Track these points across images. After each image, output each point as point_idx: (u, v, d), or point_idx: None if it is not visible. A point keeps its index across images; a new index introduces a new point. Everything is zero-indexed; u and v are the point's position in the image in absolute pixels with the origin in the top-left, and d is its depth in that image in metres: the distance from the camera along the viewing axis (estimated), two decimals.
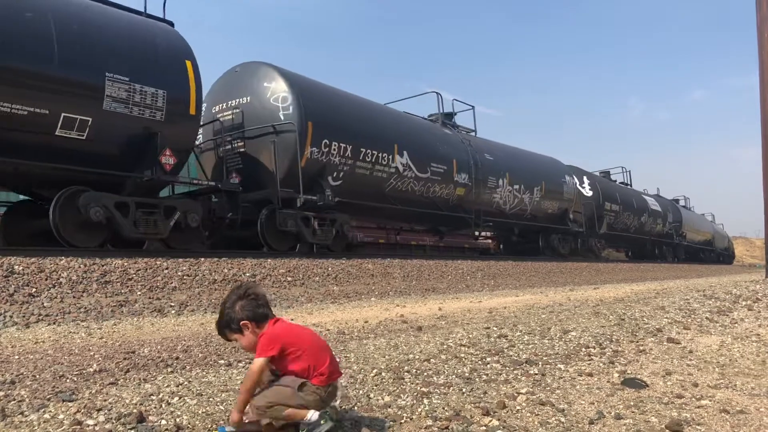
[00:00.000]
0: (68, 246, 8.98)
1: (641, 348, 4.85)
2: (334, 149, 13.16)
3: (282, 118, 12.48)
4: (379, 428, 2.69)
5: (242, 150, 13.01)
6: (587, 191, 25.46)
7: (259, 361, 2.48)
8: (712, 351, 4.81)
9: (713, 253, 44.81)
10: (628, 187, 31.86)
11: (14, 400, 3.03)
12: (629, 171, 33.02)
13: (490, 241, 25.38)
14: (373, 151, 14.19)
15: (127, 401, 3.01)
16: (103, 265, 8.17)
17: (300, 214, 12.45)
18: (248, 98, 13.05)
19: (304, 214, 12.58)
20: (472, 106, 20.25)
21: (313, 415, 2.48)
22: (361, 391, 3.31)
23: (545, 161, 23.20)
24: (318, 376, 2.52)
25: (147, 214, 9.84)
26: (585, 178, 26.13)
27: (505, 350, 4.59)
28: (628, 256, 34.22)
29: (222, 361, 4.17)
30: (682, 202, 40.91)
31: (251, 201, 12.17)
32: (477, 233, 21.87)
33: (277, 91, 12.74)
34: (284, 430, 2.55)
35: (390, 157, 14.71)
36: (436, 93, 18.66)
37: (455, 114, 19.70)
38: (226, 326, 2.61)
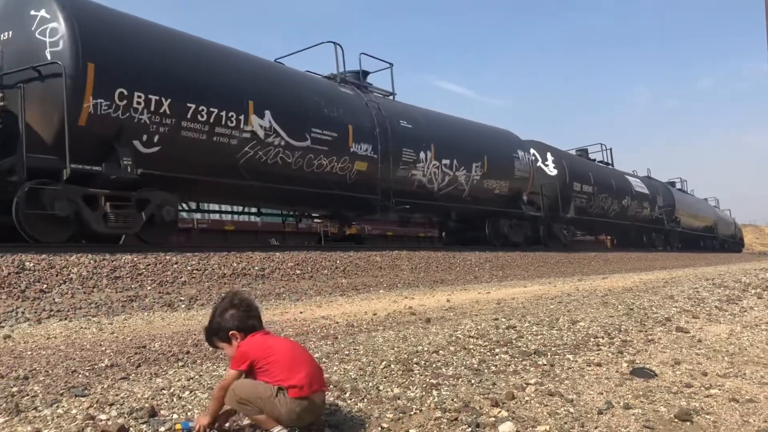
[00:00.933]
0: None
1: (650, 337, 4.85)
2: (139, 103, 9.56)
3: (48, 56, 8.97)
4: None
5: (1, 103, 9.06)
6: (550, 170, 22.24)
7: (231, 374, 2.51)
8: (721, 340, 4.80)
9: (716, 240, 42.01)
10: (608, 166, 28.57)
11: (28, 395, 3.07)
12: (610, 149, 29.48)
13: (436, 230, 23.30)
14: (211, 109, 10.58)
15: (139, 396, 3.04)
16: (113, 261, 8.22)
17: (79, 191, 9.10)
18: (10, 33, 9.48)
19: (88, 192, 9.24)
20: (391, 64, 16.62)
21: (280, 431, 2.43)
22: (370, 383, 3.32)
23: (490, 133, 19.29)
24: (292, 388, 2.43)
25: None
26: (549, 154, 22.75)
27: (514, 341, 4.60)
28: (614, 244, 31.97)
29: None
30: (678, 185, 38.35)
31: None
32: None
33: (47, 21, 9.11)
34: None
35: (242, 117, 11.09)
36: (334, 44, 14.80)
37: (368, 74, 16.22)
38: (215, 334, 2.63)
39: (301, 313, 6.72)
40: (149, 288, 7.86)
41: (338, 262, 11.21)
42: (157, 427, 2.54)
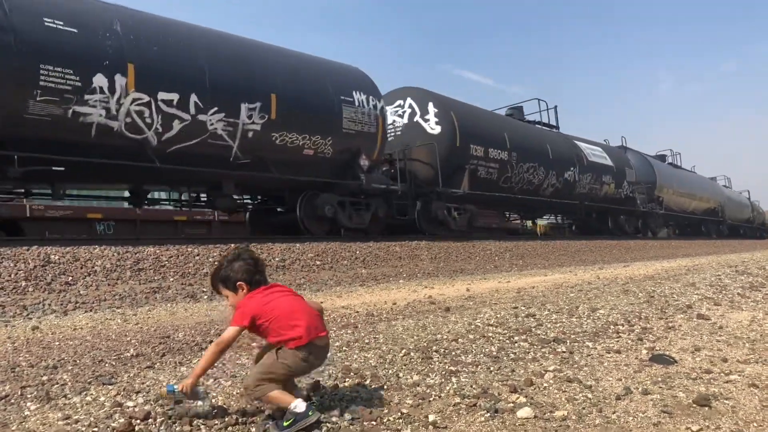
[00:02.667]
0: None
1: (670, 325, 4.84)
2: None
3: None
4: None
5: None
6: (431, 126, 16.19)
7: (231, 330, 2.57)
8: (742, 327, 4.78)
9: (722, 225, 37.34)
10: (546, 128, 22.51)
11: (57, 383, 3.15)
12: (554, 107, 23.56)
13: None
14: None
15: (164, 383, 3.11)
16: (135, 253, 8.35)
17: None
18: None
19: None
20: None
21: (299, 404, 2.46)
22: (390, 371, 3.37)
23: (292, 61, 12.64)
24: (292, 341, 2.55)
25: None
26: (431, 105, 16.38)
27: (533, 329, 4.62)
28: (573, 230, 27.19)
29: (254, 344, 4.25)
30: (669, 159, 33.91)
31: None
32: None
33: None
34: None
35: None
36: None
37: None
38: (222, 281, 2.70)
39: (321, 303, 6.77)
40: (172, 280, 7.97)
41: (358, 252, 11.27)
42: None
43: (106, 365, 3.64)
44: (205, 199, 12.74)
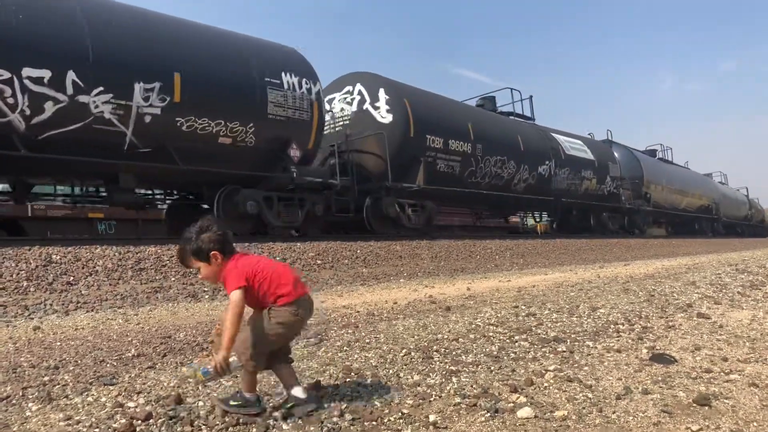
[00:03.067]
0: None
1: (671, 324, 4.85)
2: None
3: None
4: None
5: None
6: (382, 114, 14.52)
7: (236, 293, 2.60)
8: (742, 325, 4.78)
9: (717, 223, 35.73)
10: (524, 121, 20.85)
11: (59, 384, 3.16)
12: (529, 96, 21.81)
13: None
14: None
15: (165, 384, 3.12)
16: (137, 253, 8.35)
17: None
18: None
19: None
20: None
21: (298, 390, 2.66)
22: (391, 371, 3.38)
23: (203, 38, 10.95)
24: (281, 297, 2.67)
25: None
26: (382, 92, 14.68)
27: (534, 328, 4.63)
28: (554, 228, 24.50)
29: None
30: (660, 154, 32.32)
31: None
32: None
33: None
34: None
35: None
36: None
37: None
38: (195, 254, 2.69)
39: (322, 302, 6.79)
40: (173, 279, 7.98)
41: (359, 251, 11.27)
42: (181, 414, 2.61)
43: (108, 365, 3.65)
44: (105, 194, 11.03)
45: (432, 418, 2.59)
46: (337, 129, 14.96)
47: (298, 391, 2.69)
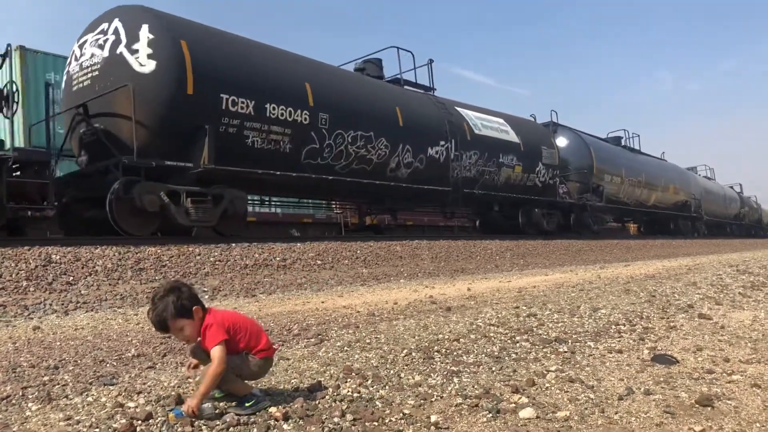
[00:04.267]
0: None
1: (672, 324, 4.84)
2: None
3: None
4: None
5: None
6: (142, 60, 10.12)
7: (219, 348, 2.62)
8: (744, 326, 4.78)
9: (699, 222, 32.19)
10: (415, 90, 16.67)
11: (58, 384, 3.15)
12: (429, 62, 17.20)
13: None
14: None
15: (165, 384, 3.11)
16: (137, 253, 8.34)
17: None
18: None
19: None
20: None
21: (257, 390, 2.80)
22: (391, 371, 3.36)
23: None
24: (260, 351, 2.79)
25: None
26: (145, 29, 10.17)
27: (535, 329, 4.62)
28: (477, 226, 21.45)
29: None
30: (624, 141, 27.70)
31: None
32: None
33: None
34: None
35: None
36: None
37: None
38: (180, 313, 2.65)
39: (322, 302, 6.78)
40: (173, 279, 7.96)
41: (359, 252, 11.26)
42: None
43: (108, 365, 3.64)
44: None
45: (434, 418, 2.58)
46: (85, 84, 10.90)
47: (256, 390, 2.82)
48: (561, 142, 22.37)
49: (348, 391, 2.94)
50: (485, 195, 17.29)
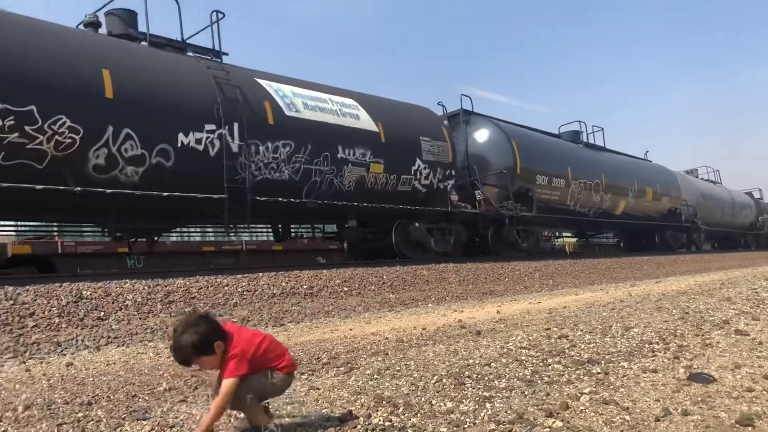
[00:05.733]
0: None
1: (707, 341, 4.74)
2: None
3: None
4: None
5: None
6: None
7: (230, 382, 2.61)
8: None
9: (695, 233, 27.39)
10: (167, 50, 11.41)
11: (92, 420, 3.18)
12: (217, 17, 11.92)
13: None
14: None
15: (197, 417, 3.11)
16: (165, 286, 8.42)
17: None
18: None
19: None
20: None
21: (273, 425, 2.77)
22: (422, 398, 3.33)
23: None
24: (284, 368, 2.82)
25: None
26: None
27: (567, 351, 4.55)
28: (346, 251, 15.86)
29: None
30: (584, 137, 22.40)
31: None
32: None
33: None
34: None
35: None
36: None
37: None
38: (200, 349, 2.63)
39: (350, 330, 6.76)
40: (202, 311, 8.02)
41: (385, 277, 11.24)
42: None
43: (140, 400, 3.66)
44: None
45: None
46: None
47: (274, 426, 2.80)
48: (481, 135, 17.59)
49: (379, 420, 2.92)
50: (324, 206, 12.37)
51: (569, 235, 26.31)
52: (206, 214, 11.14)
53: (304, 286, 9.74)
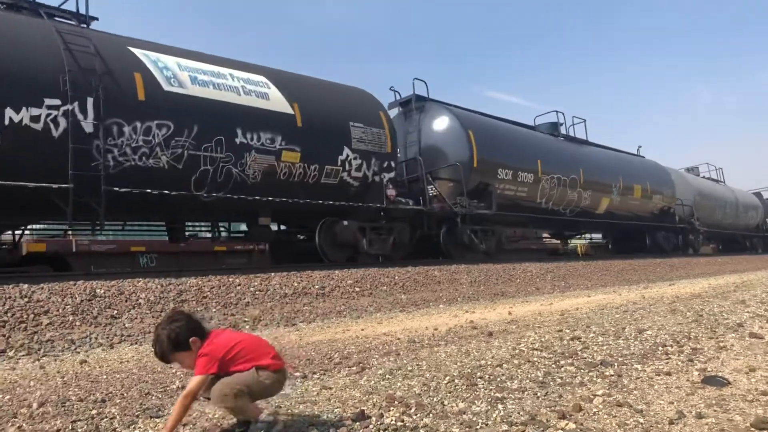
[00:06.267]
0: None
1: (721, 344, 4.70)
2: None
3: None
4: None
5: None
6: None
7: (198, 380, 2.61)
8: None
9: (693, 234, 24.97)
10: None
11: (106, 417, 3.20)
12: None
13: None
14: None
15: (210, 415, 3.13)
16: (178, 285, 8.46)
17: None
18: None
19: None
20: None
21: (267, 415, 2.79)
22: (435, 399, 3.33)
23: None
24: (272, 364, 2.76)
25: None
26: None
27: (579, 352, 4.53)
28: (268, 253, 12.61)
29: (297, 374, 4.27)
30: (568, 129, 20.48)
31: None
32: None
33: None
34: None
35: None
36: None
37: None
38: (175, 346, 2.67)
39: (362, 330, 6.76)
40: (214, 310, 8.05)
41: (396, 278, 11.24)
42: None
43: (153, 398, 3.68)
44: None
45: None
46: None
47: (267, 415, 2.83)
48: (435, 124, 15.75)
49: (392, 420, 2.92)
50: (223, 200, 10.63)
51: (589, 237, 25.01)
52: (52, 208, 8.93)
53: (316, 286, 9.76)
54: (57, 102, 8.54)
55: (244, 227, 13.69)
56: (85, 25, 9.98)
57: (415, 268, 12.32)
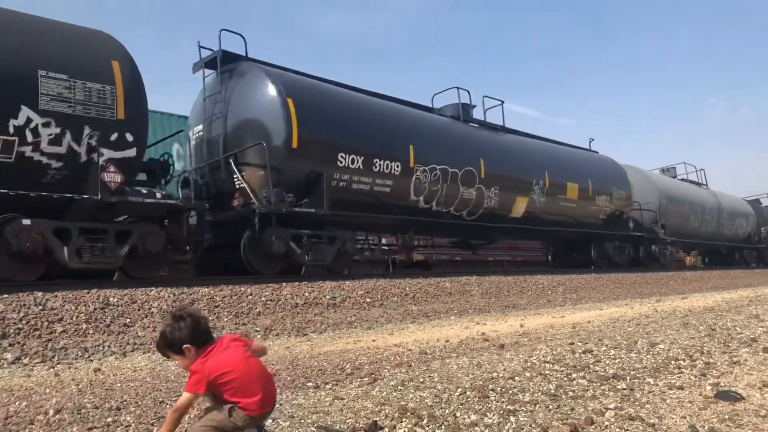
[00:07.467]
0: None
1: (735, 359, 4.68)
2: None
3: None
4: None
5: None
6: None
7: (186, 396, 2.59)
8: None
9: (655, 244, 20.92)
10: None
11: (122, 425, 3.23)
12: None
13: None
14: None
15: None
16: (191, 294, 8.51)
17: None
18: None
19: None
20: None
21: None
22: (446, 410, 3.34)
23: None
24: (247, 409, 2.57)
25: None
26: None
27: (591, 366, 4.53)
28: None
29: (310, 384, 4.29)
30: (482, 114, 16.02)
31: None
32: None
33: None
34: None
35: None
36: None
37: None
38: (168, 346, 2.66)
39: (373, 341, 6.78)
40: (226, 320, 8.09)
41: (407, 289, 11.25)
42: None
43: (167, 407, 3.70)
44: None
45: None
46: None
47: None
48: (252, 90, 11.46)
49: (404, 431, 2.94)
50: None
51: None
52: None
53: (327, 297, 9.78)
54: None
55: None
56: None
57: (425, 279, 12.32)
